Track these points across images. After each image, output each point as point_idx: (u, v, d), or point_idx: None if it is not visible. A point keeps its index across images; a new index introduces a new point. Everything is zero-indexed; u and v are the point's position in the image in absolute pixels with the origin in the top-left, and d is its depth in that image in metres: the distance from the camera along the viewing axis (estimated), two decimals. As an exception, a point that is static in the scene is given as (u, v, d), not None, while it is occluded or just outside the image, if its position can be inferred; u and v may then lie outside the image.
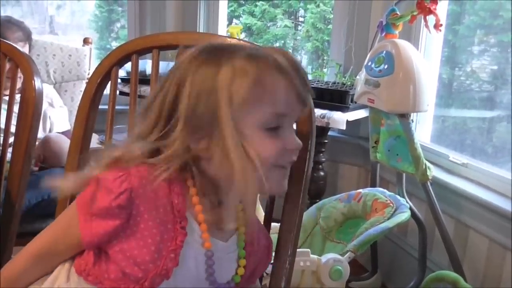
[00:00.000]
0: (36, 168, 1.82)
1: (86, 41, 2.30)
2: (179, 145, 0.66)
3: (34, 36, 2.16)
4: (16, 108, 1.11)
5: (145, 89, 1.98)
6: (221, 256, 0.71)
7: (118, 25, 3.65)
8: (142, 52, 0.96)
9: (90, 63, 2.28)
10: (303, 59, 3.63)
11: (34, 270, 0.73)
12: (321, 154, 2.04)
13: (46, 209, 1.66)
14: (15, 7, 3.30)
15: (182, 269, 0.68)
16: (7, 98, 1.16)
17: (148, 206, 0.65)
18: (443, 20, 1.68)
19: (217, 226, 0.71)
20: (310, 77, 2.61)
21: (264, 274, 0.91)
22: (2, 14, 2.74)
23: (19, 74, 1.12)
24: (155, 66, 0.95)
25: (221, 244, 0.72)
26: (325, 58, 3.26)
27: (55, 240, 0.71)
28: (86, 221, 0.66)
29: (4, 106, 1.16)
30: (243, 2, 3.66)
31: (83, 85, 2.25)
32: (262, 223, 0.87)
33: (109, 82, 0.98)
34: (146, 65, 2.08)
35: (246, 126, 0.65)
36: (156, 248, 0.65)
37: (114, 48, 1.00)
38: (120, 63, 0.97)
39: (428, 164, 1.66)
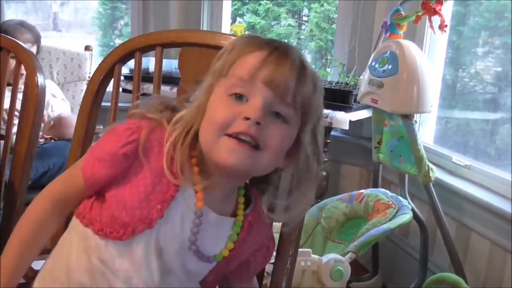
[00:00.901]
0: (42, 141, 1.91)
1: (87, 48, 2.50)
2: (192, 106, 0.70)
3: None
4: (20, 96, 1.11)
5: (148, 87, 1.98)
6: (209, 227, 0.71)
7: (122, 22, 3.65)
8: (145, 49, 0.96)
9: (91, 66, 2.46)
10: (307, 58, 3.62)
11: (52, 218, 0.74)
12: (324, 154, 2.04)
13: (52, 179, 1.80)
14: (19, 4, 3.30)
15: (167, 225, 0.69)
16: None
17: (151, 159, 0.68)
18: (447, 21, 1.67)
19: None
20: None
21: (265, 274, 0.91)
22: (6, 11, 2.80)
23: (22, 71, 1.11)
24: (158, 64, 0.95)
25: (213, 215, 0.71)
26: (328, 57, 3.25)
27: (66, 185, 0.75)
28: (90, 159, 0.71)
29: (8, 94, 1.16)
30: (247, 1, 3.65)
31: (84, 85, 2.42)
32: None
33: (112, 79, 0.97)
34: (149, 62, 2.09)
35: (218, 90, 0.69)
36: (145, 197, 0.68)
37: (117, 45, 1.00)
38: (123, 60, 0.97)
39: (430, 165, 1.66)
